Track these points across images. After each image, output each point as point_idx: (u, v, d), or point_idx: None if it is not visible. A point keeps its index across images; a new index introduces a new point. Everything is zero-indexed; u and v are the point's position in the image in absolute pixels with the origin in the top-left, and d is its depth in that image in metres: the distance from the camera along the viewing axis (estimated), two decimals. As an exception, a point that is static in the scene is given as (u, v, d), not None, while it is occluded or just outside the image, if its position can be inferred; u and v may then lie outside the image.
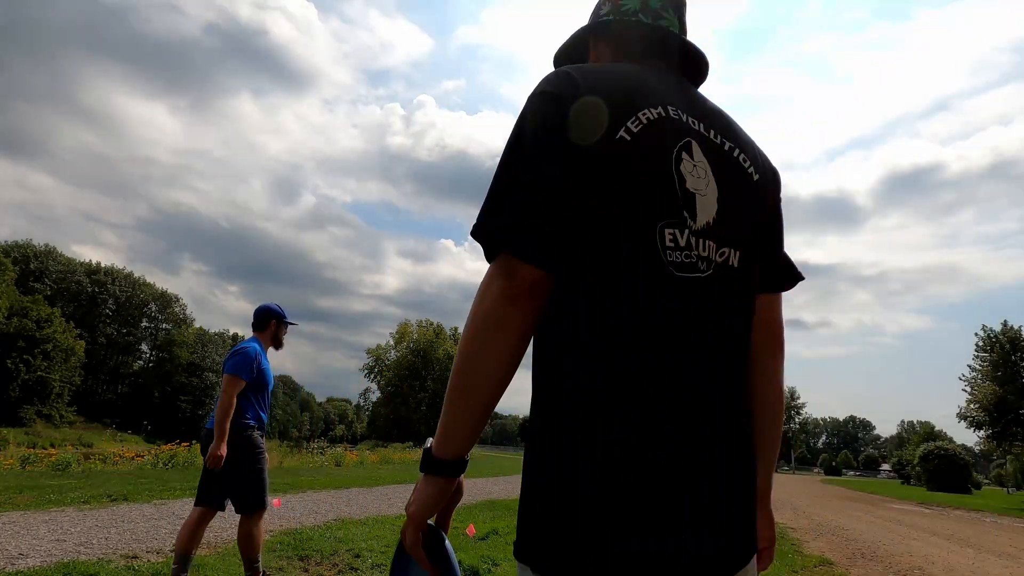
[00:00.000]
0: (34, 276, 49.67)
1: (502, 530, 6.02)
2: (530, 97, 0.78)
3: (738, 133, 0.88)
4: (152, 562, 3.97)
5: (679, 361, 0.69)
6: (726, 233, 0.78)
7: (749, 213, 0.83)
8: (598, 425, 0.67)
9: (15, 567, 3.61)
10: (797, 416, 68.98)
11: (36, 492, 7.02)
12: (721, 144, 0.83)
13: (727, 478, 0.72)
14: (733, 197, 0.80)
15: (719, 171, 0.80)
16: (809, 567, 5.41)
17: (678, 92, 0.84)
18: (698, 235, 0.74)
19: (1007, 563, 6.39)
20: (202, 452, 3.24)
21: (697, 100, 0.87)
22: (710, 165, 0.79)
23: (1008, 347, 20.22)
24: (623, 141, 0.72)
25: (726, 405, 0.73)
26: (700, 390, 0.70)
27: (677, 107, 0.80)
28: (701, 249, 0.74)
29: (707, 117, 0.84)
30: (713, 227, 0.76)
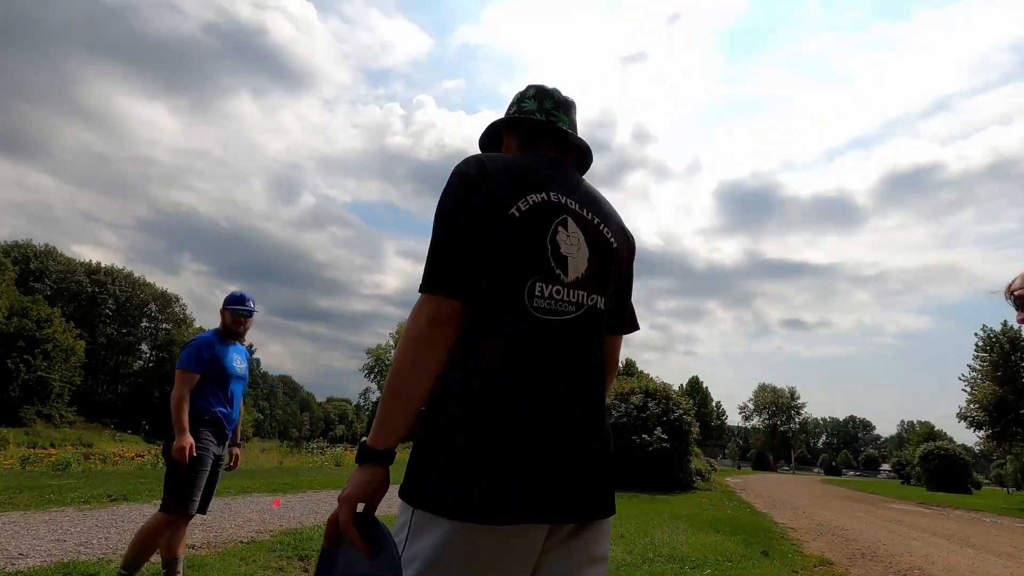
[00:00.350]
0: (34, 276, 49.67)
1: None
2: (451, 175, 1.07)
3: (605, 210, 1.19)
4: (152, 562, 3.97)
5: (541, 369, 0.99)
6: (594, 284, 1.09)
7: (610, 272, 1.15)
8: (469, 407, 0.96)
9: (15, 567, 3.61)
10: (797, 416, 68.90)
11: (36, 492, 7.02)
12: (591, 219, 1.14)
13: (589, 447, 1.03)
14: (599, 259, 1.12)
15: (589, 239, 1.11)
16: (809, 567, 5.41)
17: (562, 178, 1.14)
18: (570, 287, 1.05)
19: (1007, 563, 6.39)
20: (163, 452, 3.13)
21: (577, 184, 1.18)
22: (583, 235, 1.10)
23: (1008, 347, 20.22)
24: (513, 217, 1.02)
25: (586, 401, 1.05)
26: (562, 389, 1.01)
27: (558, 191, 1.10)
28: (570, 296, 1.05)
29: (583, 198, 1.15)
30: (583, 280, 1.07)
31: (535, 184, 1.07)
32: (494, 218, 1.01)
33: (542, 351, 1.01)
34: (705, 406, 61.38)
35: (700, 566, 4.98)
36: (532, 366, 0.99)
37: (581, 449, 1.01)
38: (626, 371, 52.48)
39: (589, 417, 1.05)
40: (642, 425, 14.46)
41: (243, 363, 3.35)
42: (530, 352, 1.00)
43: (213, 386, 3.14)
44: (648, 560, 5.06)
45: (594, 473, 1.03)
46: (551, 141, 1.25)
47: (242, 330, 3.31)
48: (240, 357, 3.33)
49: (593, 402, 1.07)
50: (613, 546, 5.63)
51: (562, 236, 1.06)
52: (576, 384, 1.04)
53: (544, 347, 1.01)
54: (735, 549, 5.91)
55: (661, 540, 6.11)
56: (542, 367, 1.00)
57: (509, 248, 1.01)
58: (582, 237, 1.09)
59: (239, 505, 7.09)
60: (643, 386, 16.00)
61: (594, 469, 1.03)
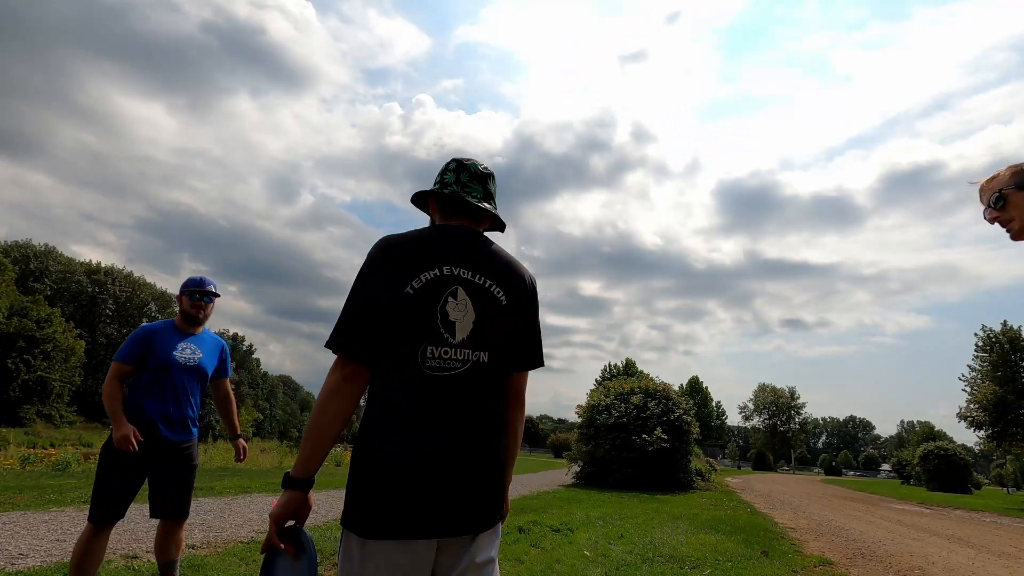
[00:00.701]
0: (34, 276, 49.67)
1: (502, 530, 6.02)
2: (367, 256, 1.33)
3: (501, 270, 1.40)
4: (152, 562, 3.97)
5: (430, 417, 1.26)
6: (479, 343, 1.33)
7: (498, 328, 1.37)
8: (378, 442, 1.25)
9: (15, 567, 3.61)
10: (797, 416, 68.86)
11: (36, 492, 7.02)
12: (483, 283, 1.36)
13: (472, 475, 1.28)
14: (487, 319, 1.35)
15: (478, 303, 1.34)
16: (809, 567, 5.41)
17: (461, 249, 1.37)
18: (456, 347, 1.30)
19: (1007, 563, 6.39)
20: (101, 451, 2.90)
21: (478, 252, 1.39)
22: (471, 300, 1.33)
23: (1008, 347, 20.23)
24: (408, 294, 1.27)
25: (471, 438, 1.30)
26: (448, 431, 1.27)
27: (452, 264, 1.33)
28: (457, 355, 1.30)
29: (479, 265, 1.37)
30: (468, 340, 1.31)
31: (430, 261, 1.32)
32: (393, 295, 1.27)
33: (433, 401, 1.28)
34: (705, 406, 61.37)
35: (700, 566, 4.98)
36: (424, 413, 1.27)
37: (465, 476, 1.28)
38: (626, 371, 52.50)
39: (474, 450, 1.31)
40: (642, 425, 14.46)
41: (198, 352, 3.01)
42: (422, 402, 1.27)
43: (152, 380, 2.85)
44: (648, 560, 5.06)
45: (476, 495, 1.30)
46: (465, 212, 1.48)
47: (202, 316, 3.04)
48: (194, 347, 3.01)
49: (478, 438, 1.32)
50: (613, 546, 5.64)
51: (451, 305, 1.32)
52: (462, 425, 1.30)
53: (434, 397, 1.28)
54: (735, 549, 5.91)
55: (661, 540, 6.11)
56: (433, 413, 1.27)
57: (405, 319, 1.27)
58: (470, 303, 1.34)
59: (239, 505, 7.09)
60: (643, 386, 16.00)
61: (476, 491, 1.30)
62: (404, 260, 1.30)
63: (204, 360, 3.05)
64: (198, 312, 3.03)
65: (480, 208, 1.46)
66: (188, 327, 3.04)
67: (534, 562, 4.65)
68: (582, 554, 5.13)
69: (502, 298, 1.39)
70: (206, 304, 3.05)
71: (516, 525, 6.35)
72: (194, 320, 3.05)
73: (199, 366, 3.01)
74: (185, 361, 2.95)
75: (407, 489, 1.22)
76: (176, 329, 3.01)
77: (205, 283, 3.07)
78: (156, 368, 2.86)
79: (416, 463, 1.23)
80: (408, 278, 1.28)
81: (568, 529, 6.45)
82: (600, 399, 15.66)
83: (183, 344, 2.97)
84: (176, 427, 2.89)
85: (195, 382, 3.01)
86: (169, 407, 2.87)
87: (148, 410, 2.83)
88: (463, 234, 1.42)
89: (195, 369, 2.99)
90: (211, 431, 54.66)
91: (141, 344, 2.88)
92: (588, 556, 5.06)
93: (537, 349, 1.50)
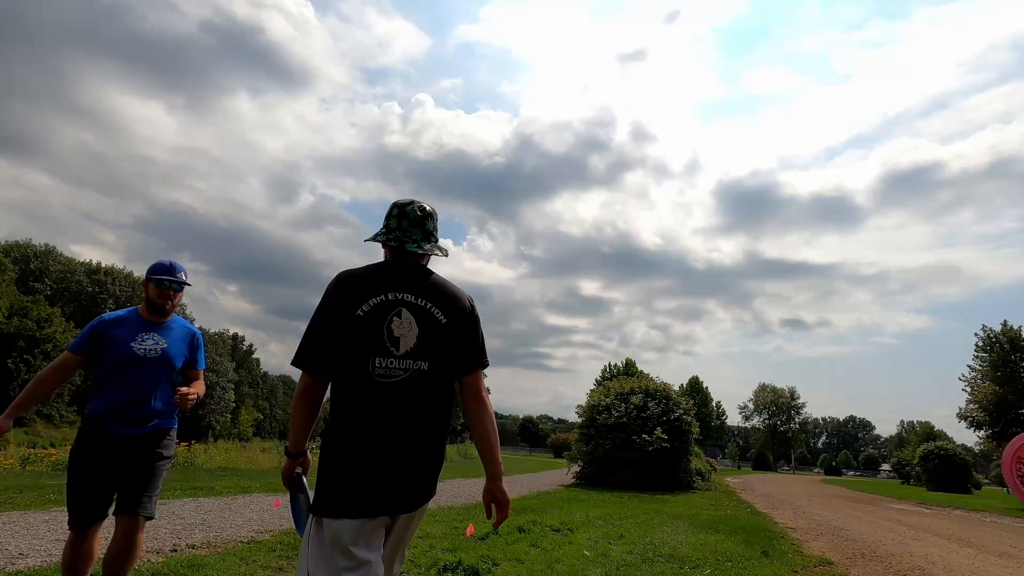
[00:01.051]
0: (34, 276, 49.67)
1: (502, 530, 6.02)
2: (326, 288, 1.67)
3: (439, 294, 1.73)
4: (152, 562, 3.97)
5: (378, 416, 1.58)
6: (421, 353, 1.65)
7: (438, 341, 1.69)
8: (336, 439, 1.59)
9: (15, 567, 3.61)
10: (797, 416, 68.78)
11: (36, 492, 7.02)
12: (424, 305, 1.69)
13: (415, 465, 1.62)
14: (428, 334, 1.67)
15: (420, 322, 1.67)
16: (809, 567, 5.41)
17: (404, 279, 1.70)
18: (400, 358, 1.62)
19: (1007, 563, 6.39)
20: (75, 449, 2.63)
21: (420, 280, 1.72)
22: (414, 319, 1.66)
23: (1008, 347, 20.22)
24: (359, 316, 1.60)
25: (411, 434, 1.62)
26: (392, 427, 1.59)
27: (396, 291, 1.66)
28: (400, 364, 1.62)
29: (421, 291, 1.70)
30: (411, 352, 1.64)
31: (377, 289, 1.65)
32: (346, 318, 1.60)
33: (379, 403, 1.59)
34: (705, 406, 61.34)
35: (700, 566, 4.98)
36: (371, 413, 1.58)
37: (404, 466, 1.60)
38: (626, 371, 52.48)
39: (413, 444, 1.63)
40: (642, 425, 14.45)
41: (161, 343, 2.73)
42: (371, 404, 1.59)
43: (108, 374, 2.62)
44: (648, 560, 5.06)
45: (414, 481, 1.63)
46: (403, 253, 1.79)
47: (169, 306, 2.78)
48: (157, 337, 2.73)
49: (417, 433, 1.64)
50: (613, 546, 5.64)
51: (396, 323, 1.64)
52: (402, 423, 1.61)
53: (381, 400, 1.59)
54: (735, 549, 5.91)
55: (661, 540, 6.11)
56: (378, 413, 1.59)
57: (357, 336, 1.59)
58: (413, 321, 1.66)
59: (239, 505, 7.09)
60: (643, 386, 16.00)
61: (414, 478, 1.63)
62: (356, 289, 1.64)
63: (170, 350, 2.76)
64: (165, 302, 2.76)
65: (418, 256, 1.80)
66: (153, 316, 2.77)
67: (534, 562, 4.65)
68: (582, 554, 5.13)
69: (441, 317, 1.72)
70: (174, 293, 2.78)
71: (516, 525, 6.35)
72: (159, 310, 2.77)
73: (163, 357, 2.73)
74: (145, 353, 2.68)
75: (356, 478, 1.54)
76: (139, 318, 2.75)
77: (175, 269, 2.79)
78: (113, 360, 2.62)
79: (363, 456, 1.56)
80: (359, 303, 1.62)
81: (568, 529, 6.45)
82: (600, 399, 15.66)
83: (144, 335, 2.70)
84: (135, 423, 2.61)
85: (160, 375, 2.71)
86: (125, 402, 2.60)
87: (96, 406, 2.60)
88: (407, 267, 1.76)
89: (158, 361, 2.71)
90: (211, 431, 54.81)
91: (96, 334, 2.65)
92: (588, 556, 5.06)
93: (478, 354, 1.80)
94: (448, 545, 5.08)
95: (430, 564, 4.32)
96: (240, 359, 70.70)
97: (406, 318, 1.65)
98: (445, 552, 4.73)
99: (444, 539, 5.39)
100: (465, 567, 4.24)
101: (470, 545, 5.18)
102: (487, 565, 4.38)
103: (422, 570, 4.20)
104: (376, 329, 1.61)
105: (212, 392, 56.51)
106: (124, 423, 2.59)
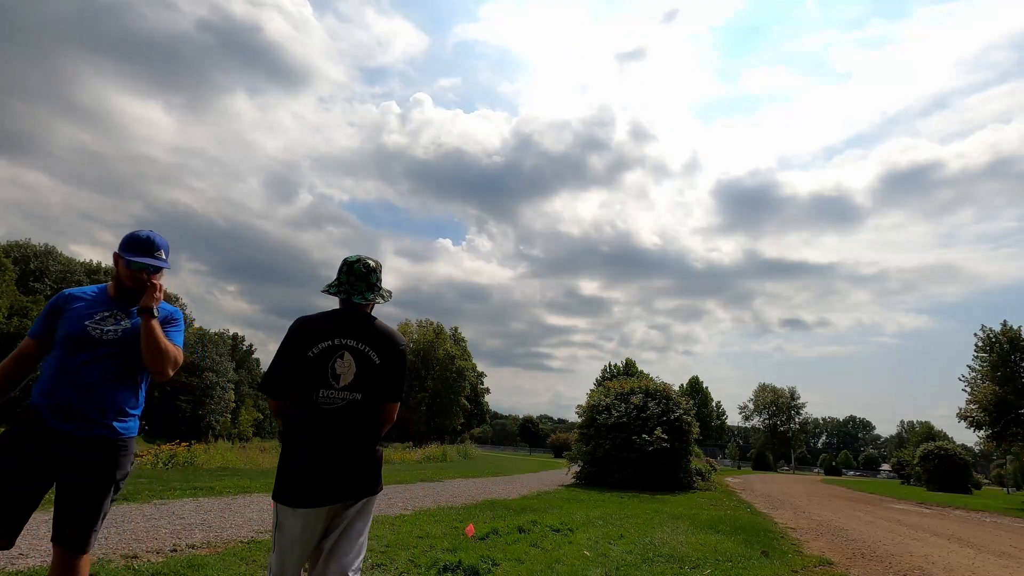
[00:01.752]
0: (34, 276, 49.66)
1: (502, 530, 6.02)
2: (287, 330, 2.15)
3: (377, 340, 2.17)
4: (152, 562, 3.97)
5: (319, 434, 2.06)
6: (356, 387, 2.10)
7: (371, 378, 2.14)
8: (288, 446, 2.13)
9: (15, 567, 3.61)
10: (797, 416, 68.75)
11: (36, 492, 7.01)
12: (363, 349, 2.13)
13: (351, 467, 2.09)
14: (363, 372, 2.12)
15: (358, 362, 2.11)
16: (809, 567, 5.41)
17: (348, 327, 2.14)
18: (340, 390, 2.08)
19: (1007, 563, 6.39)
20: None
21: (362, 327, 2.17)
22: (354, 360, 2.10)
23: (1007, 347, 20.20)
24: (310, 357, 2.07)
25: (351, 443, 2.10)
26: (329, 443, 2.06)
27: (341, 337, 2.11)
28: (339, 395, 2.08)
29: (361, 336, 2.14)
30: (348, 386, 2.09)
31: (326, 335, 2.11)
32: (299, 358, 2.08)
33: (321, 423, 2.07)
34: (705, 406, 61.31)
35: (700, 566, 4.98)
36: (313, 432, 2.06)
37: (341, 468, 2.07)
38: (626, 371, 52.47)
39: (350, 453, 2.09)
40: (642, 425, 14.45)
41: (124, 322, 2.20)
42: (312, 425, 2.07)
43: (57, 357, 2.14)
44: (648, 560, 5.06)
45: (349, 479, 2.08)
46: (350, 303, 2.22)
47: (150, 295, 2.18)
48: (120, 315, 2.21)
49: (352, 445, 2.11)
50: (613, 546, 5.64)
51: (338, 363, 2.09)
52: (339, 438, 2.08)
53: (322, 421, 2.07)
54: (735, 549, 5.91)
55: (661, 540, 6.11)
56: (320, 430, 2.06)
57: (307, 372, 2.07)
58: (353, 362, 2.11)
59: (239, 505, 7.09)
60: (643, 386, 16.00)
61: (349, 477, 2.08)
62: (309, 334, 2.11)
63: (125, 332, 2.18)
64: (138, 284, 2.22)
65: (360, 306, 2.23)
66: (121, 299, 2.26)
67: (534, 562, 4.65)
68: (582, 554, 5.13)
69: (376, 359, 2.16)
70: (149, 276, 2.23)
71: (516, 525, 6.35)
72: (130, 294, 2.24)
73: (124, 340, 2.17)
74: (102, 334, 2.15)
75: (298, 477, 2.04)
76: (106, 296, 2.27)
77: (153, 244, 2.23)
78: (63, 340, 2.13)
79: (304, 462, 2.05)
80: (310, 346, 2.09)
81: (568, 529, 6.45)
82: (600, 399, 15.66)
83: (105, 312, 2.19)
84: (78, 420, 2.07)
85: (120, 362, 2.17)
86: (69, 392, 2.07)
87: (35, 393, 2.11)
88: (353, 316, 2.21)
89: (118, 344, 2.16)
90: (211, 431, 54.81)
91: (52, 310, 2.21)
92: (588, 556, 5.06)
93: (398, 391, 2.25)
94: (448, 545, 5.08)
95: (430, 564, 4.32)
96: (240, 359, 70.72)
97: (347, 359, 2.12)
98: (445, 552, 4.73)
99: (444, 539, 5.39)
100: (465, 567, 4.23)
101: (470, 545, 5.18)
102: (487, 565, 4.37)
103: (422, 570, 4.20)
104: (322, 367, 2.08)
105: (212, 392, 56.48)
106: (57, 418, 2.07)
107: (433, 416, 48.13)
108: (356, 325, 2.17)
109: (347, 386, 2.08)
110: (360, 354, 2.12)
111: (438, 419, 48.32)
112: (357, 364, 2.11)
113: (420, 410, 47.51)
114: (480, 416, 60.16)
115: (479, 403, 57.83)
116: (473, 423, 57.73)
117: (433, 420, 48.12)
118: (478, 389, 56.76)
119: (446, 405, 48.31)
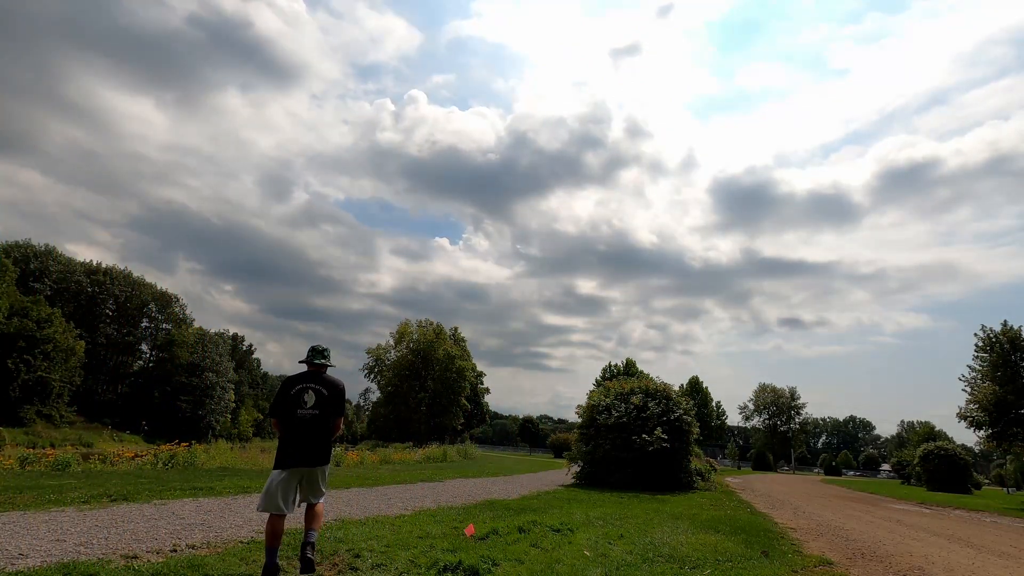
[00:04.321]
0: (34, 276, 49.66)
1: (502, 530, 6.02)
2: (281, 382, 5.05)
3: (326, 384, 4.47)
4: (152, 562, 3.97)
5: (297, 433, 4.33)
6: (316, 407, 4.40)
7: (324, 403, 4.42)
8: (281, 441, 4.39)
9: (15, 567, 3.61)
10: (797, 416, 68.78)
11: (36, 492, 7.02)
12: (319, 389, 4.44)
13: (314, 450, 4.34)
14: (319, 400, 4.42)
15: (316, 395, 4.43)
16: (809, 567, 5.41)
17: (312, 379, 4.48)
18: (307, 409, 4.39)
19: (1007, 563, 6.39)
20: None
21: (317, 377, 4.50)
22: (314, 394, 4.43)
23: (1008, 347, 20.20)
24: (291, 394, 4.43)
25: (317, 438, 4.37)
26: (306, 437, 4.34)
27: (307, 382, 4.47)
28: (307, 412, 4.39)
29: (318, 382, 4.46)
30: (312, 407, 4.40)
31: (298, 382, 4.41)
32: (286, 396, 4.36)
33: (298, 428, 4.28)
34: (705, 406, 61.34)
35: (700, 566, 4.98)
36: (294, 432, 4.27)
37: (310, 452, 4.26)
38: (626, 371, 52.47)
39: (317, 446, 4.30)
40: (642, 425, 14.45)
41: None
42: (293, 429, 4.28)
43: None
44: (648, 560, 5.07)
45: (311, 456, 4.26)
46: (315, 366, 4.54)
47: None
48: None
49: (317, 442, 4.31)
50: (613, 546, 5.65)
51: (307, 395, 4.34)
52: (309, 437, 4.28)
53: (298, 427, 4.28)
54: (735, 549, 5.91)
55: (661, 540, 6.11)
56: (298, 432, 4.27)
57: (289, 403, 4.34)
58: (314, 395, 4.35)
59: (239, 505, 7.09)
60: (643, 386, 15.99)
61: (312, 455, 4.26)
62: (291, 384, 4.40)
63: None
64: None
65: (322, 368, 4.56)
66: None
67: (534, 562, 4.65)
68: (582, 554, 5.13)
69: (325, 392, 4.37)
70: None
71: (516, 525, 6.35)
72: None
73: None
74: None
75: (287, 455, 4.18)
76: None
77: None
78: None
79: (291, 448, 4.21)
80: (291, 389, 4.36)
81: (568, 529, 6.45)
82: (600, 399, 15.65)
83: None
84: None
85: None
86: None
87: None
88: (315, 373, 4.48)
89: None
90: (211, 431, 54.82)
91: None
92: (588, 556, 5.06)
93: (339, 411, 4.44)
94: (448, 545, 5.08)
95: (430, 564, 4.32)
96: (240, 359, 70.72)
97: (310, 394, 4.33)
98: (445, 552, 4.73)
99: (444, 539, 5.39)
100: (465, 567, 4.24)
101: (470, 545, 5.18)
102: (487, 565, 4.38)
103: (422, 570, 4.20)
104: (298, 399, 4.30)
105: (212, 392, 56.51)
106: None
107: (433, 416, 48.14)
108: (315, 377, 4.43)
109: (311, 407, 4.29)
110: (317, 391, 4.35)
111: (438, 419, 48.32)
112: (316, 395, 4.33)
113: (420, 410, 47.52)
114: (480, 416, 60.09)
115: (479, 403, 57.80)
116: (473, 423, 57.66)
117: (433, 420, 48.13)
118: (478, 389, 56.75)
119: (446, 405, 48.32)
